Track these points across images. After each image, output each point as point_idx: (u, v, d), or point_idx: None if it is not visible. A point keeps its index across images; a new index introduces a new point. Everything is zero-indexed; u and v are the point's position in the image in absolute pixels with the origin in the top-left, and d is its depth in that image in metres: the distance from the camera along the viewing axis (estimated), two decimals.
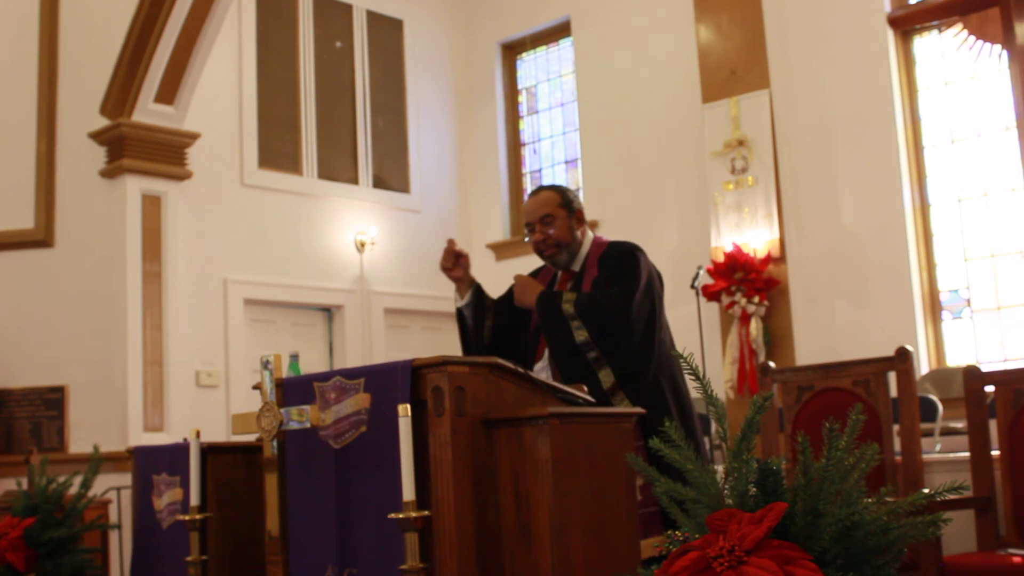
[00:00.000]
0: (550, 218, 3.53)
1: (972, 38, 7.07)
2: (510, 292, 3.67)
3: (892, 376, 3.87)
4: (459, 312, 3.69)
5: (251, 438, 3.33)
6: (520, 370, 2.60)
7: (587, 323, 3.30)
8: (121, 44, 6.87)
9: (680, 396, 3.40)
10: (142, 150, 6.98)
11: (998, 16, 6.83)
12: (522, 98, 9.65)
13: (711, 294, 7.31)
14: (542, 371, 3.46)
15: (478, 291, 3.66)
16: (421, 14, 9.44)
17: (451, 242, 3.59)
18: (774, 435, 4.16)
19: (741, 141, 7.54)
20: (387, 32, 9.21)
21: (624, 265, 3.42)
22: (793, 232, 7.42)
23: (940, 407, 5.76)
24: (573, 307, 3.33)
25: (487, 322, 3.62)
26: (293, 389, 2.74)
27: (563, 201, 3.56)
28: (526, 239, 3.62)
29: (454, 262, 3.58)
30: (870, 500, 1.85)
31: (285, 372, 2.90)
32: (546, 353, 3.48)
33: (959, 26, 7.12)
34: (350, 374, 2.60)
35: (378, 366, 2.60)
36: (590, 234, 3.63)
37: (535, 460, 2.40)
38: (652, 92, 8.35)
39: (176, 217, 7.17)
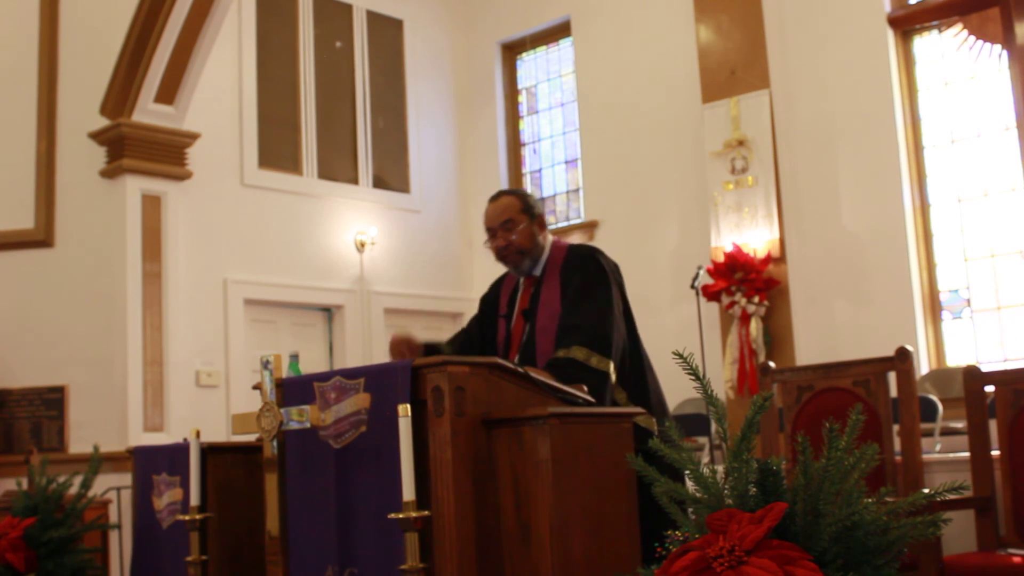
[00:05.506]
0: (511, 223, 3.43)
1: (972, 38, 7.07)
2: (480, 314, 3.65)
3: (892, 376, 3.87)
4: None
5: (251, 438, 3.33)
6: (520, 370, 2.60)
7: (582, 378, 2.99)
8: (121, 44, 6.86)
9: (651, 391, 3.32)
10: (142, 150, 6.97)
11: (998, 16, 6.83)
12: (522, 98, 9.65)
13: (711, 294, 7.31)
14: None
15: (434, 351, 3.52)
16: (421, 14, 9.43)
17: (397, 339, 3.50)
18: (774, 435, 4.16)
19: (741, 141, 7.53)
20: (387, 32, 9.21)
21: (590, 271, 3.30)
22: (793, 232, 7.41)
23: (940, 407, 5.76)
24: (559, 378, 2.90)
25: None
26: (293, 389, 2.74)
27: (524, 206, 3.46)
28: (485, 244, 3.54)
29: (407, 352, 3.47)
30: (870, 500, 1.85)
31: (285, 372, 2.90)
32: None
33: (959, 26, 7.12)
34: (350, 374, 2.60)
35: (378, 366, 2.59)
36: (551, 238, 3.54)
37: (535, 460, 2.39)
38: (652, 92, 8.35)
39: (176, 217, 7.17)
